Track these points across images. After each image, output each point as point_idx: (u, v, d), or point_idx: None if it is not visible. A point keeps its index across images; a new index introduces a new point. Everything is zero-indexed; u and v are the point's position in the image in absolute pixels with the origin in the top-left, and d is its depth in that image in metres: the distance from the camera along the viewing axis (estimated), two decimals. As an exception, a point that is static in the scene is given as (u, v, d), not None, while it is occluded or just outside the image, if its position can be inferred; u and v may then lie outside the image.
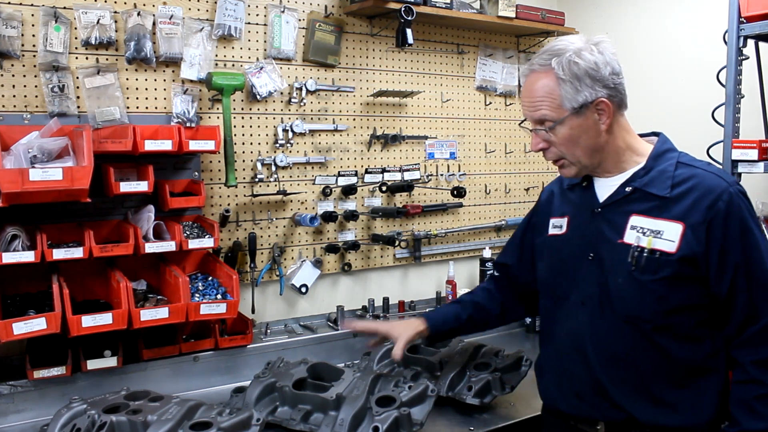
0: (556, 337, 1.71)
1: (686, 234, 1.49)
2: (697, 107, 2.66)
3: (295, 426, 1.84)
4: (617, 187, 1.61)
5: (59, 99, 2.19)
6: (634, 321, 1.54)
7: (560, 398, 1.70)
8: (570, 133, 1.56)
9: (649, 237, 1.52)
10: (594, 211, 1.64)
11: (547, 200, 1.85)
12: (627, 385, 1.57)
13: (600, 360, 1.59)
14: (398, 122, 2.98)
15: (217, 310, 2.18)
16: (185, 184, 2.42)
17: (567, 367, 1.67)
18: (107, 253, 2.06)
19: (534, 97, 1.57)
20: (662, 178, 1.56)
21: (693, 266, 1.50)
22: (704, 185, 1.51)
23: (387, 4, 2.63)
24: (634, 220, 1.56)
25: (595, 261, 1.61)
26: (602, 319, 1.58)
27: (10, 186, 1.81)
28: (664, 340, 1.53)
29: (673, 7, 3.00)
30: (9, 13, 2.09)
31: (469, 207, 3.22)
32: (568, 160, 1.60)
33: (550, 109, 1.55)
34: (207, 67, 2.45)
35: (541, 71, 1.56)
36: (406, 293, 3.07)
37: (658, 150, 1.61)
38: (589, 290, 1.62)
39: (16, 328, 1.86)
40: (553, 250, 1.76)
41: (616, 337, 1.57)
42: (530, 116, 1.60)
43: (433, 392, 1.93)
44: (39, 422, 1.96)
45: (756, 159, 2.19)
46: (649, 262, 1.52)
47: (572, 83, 1.52)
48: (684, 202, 1.52)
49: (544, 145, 1.61)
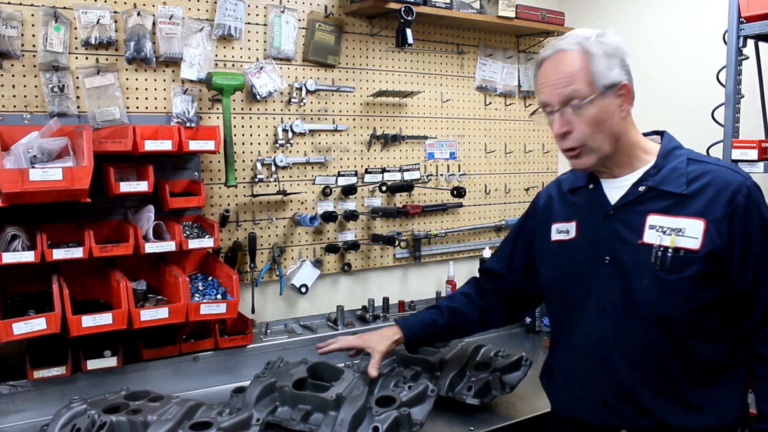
0: (574, 346, 1.65)
1: (709, 229, 1.47)
2: (697, 107, 2.66)
3: (295, 426, 1.84)
4: (629, 188, 1.58)
5: (59, 99, 2.19)
6: (663, 322, 1.50)
7: (580, 408, 1.65)
8: (596, 115, 1.50)
9: (671, 235, 1.49)
10: (606, 213, 1.60)
11: (546, 204, 1.81)
12: (658, 389, 1.53)
13: (629, 366, 1.54)
14: (398, 122, 2.98)
15: (217, 310, 2.18)
16: (185, 184, 2.42)
17: (589, 375, 1.61)
18: (107, 253, 2.06)
19: (563, 73, 1.50)
20: (675, 175, 1.53)
21: (717, 262, 1.48)
22: (721, 180, 1.50)
23: (387, 4, 2.63)
24: (652, 219, 1.53)
25: (613, 264, 1.56)
26: (627, 324, 1.54)
27: (10, 186, 1.81)
28: (692, 339, 1.51)
29: (672, 7, 3.00)
30: (9, 13, 2.09)
31: (469, 207, 3.23)
32: (590, 146, 1.53)
33: (583, 85, 1.49)
34: (207, 67, 2.45)
35: (570, 49, 1.51)
36: (406, 293, 3.07)
37: (666, 148, 1.59)
38: (609, 295, 1.57)
39: (16, 328, 1.86)
40: (560, 256, 1.70)
41: (644, 340, 1.53)
42: (557, 95, 1.51)
43: (433, 392, 1.93)
44: (39, 422, 1.96)
45: (756, 159, 2.19)
46: (674, 261, 1.48)
47: (604, 60, 1.49)
48: (702, 198, 1.49)
49: (569, 128, 1.52)
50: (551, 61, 1.54)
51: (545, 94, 1.54)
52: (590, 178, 1.68)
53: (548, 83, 1.53)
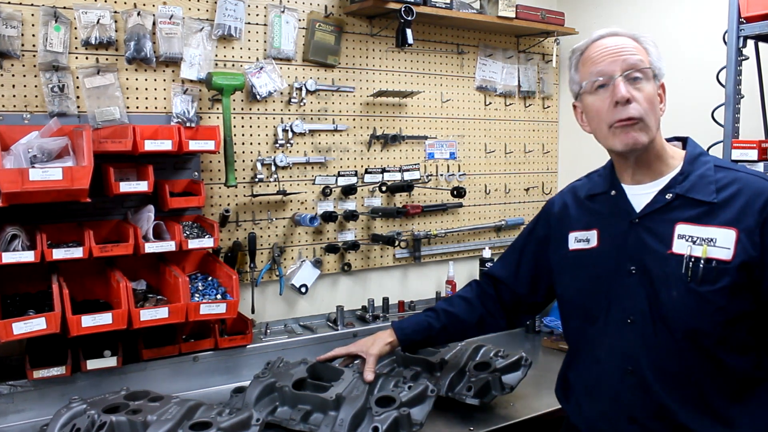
0: (597, 359, 1.59)
1: (741, 239, 1.42)
2: (696, 107, 2.65)
3: (294, 426, 1.84)
4: (655, 195, 1.52)
5: (59, 99, 2.19)
6: (693, 335, 1.45)
7: (604, 423, 1.58)
8: (652, 94, 1.48)
9: (702, 246, 1.44)
10: (632, 222, 1.54)
11: (561, 212, 1.74)
12: (691, 404, 1.47)
13: (660, 381, 1.48)
14: (398, 122, 2.98)
15: (217, 310, 2.18)
16: (185, 184, 2.42)
17: (616, 390, 1.54)
18: (107, 253, 2.06)
19: (627, 45, 1.48)
20: (704, 182, 1.49)
21: (749, 272, 1.42)
22: (752, 188, 1.45)
23: (387, 4, 2.63)
24: (681, 228, 1.47)
25: (639, 275, 1.51)
26: (656, 337, 1.48)
27: (10, 186, 1.81)
28: (722, 352, 1.45)
29: (673, 7, 3.00)
30: (9, 13, 2.09)
31: (468, 207, 3.23)
32: (646, 122, 1.47)
33: (646, 60, 1.48)
34: (207, 67, 2.45)
35: (627, 35, 1.51)
36: (406, 293, 3.07)
37: (691, 154, 1.55)
38: (635, 307, 1.51)
39: (16, 328, 1.86)
40: (581, 266, 1.64)
41: (675, 354, 1.47)
42: (621, 61, 1.47)
43: (432, 392, 1.93)
44: (39, 422, 1.96)
45: (756, 159, 2.19)
46: (707, 272, 1.43)
47: (656, 52, 1.51)
48: (733, 207, 1.44)
49: (632, 97, 1.46)
50: (608, 38, 1.51)
51: (604, 63, 1.48)
52: (611, 184, 1.62)
53: (609, 53, 1.48)
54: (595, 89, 1.51)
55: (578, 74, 1.57)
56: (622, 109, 1.46)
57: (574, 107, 1.65)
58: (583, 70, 1.54)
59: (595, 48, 1.51)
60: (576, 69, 1.58)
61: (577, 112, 1.63)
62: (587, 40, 1.55)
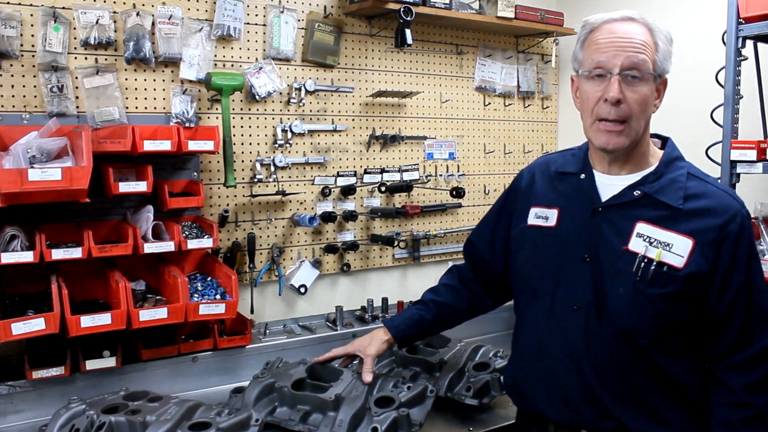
0: (540, 339, 1.61)
1: (695, 251, 1.44)
2: (695, 108, 2.65)
3: (294, 426, 1.84)
4: (623, 188, 1.54)
5: (58, 99, 2.19)
6: (630, 334, 1.48)
7: (543, 401, 1.61)
8: (647, 96, 1.47)
9: (658, 249, 1.46)
10: (595, 210, 1.55)
11: (527, 186, 1.74)
12: (623, 396, 1.51)
13: (596, 369, 1.52)
14: (397, 122, 2.98)
15: (216, 310, 2.18)
16: (184, 184, 2.42)
17: (555, 372, 1.58)
18: (106, 254, 2.06)
19: (636, 39, 1.45)
20: (674, 187, 1.50)
21: (695, 284, 1.46)
22: (719, 204, 1.47)
23: (386, 5, 2.63)
24: (641, 227, 1.49)
25: (591, 264, 1.53)
26: (599, 328, 1.51)
27: (9, 186, 1.81)
28: (656, 355, 1.49)
29: (672, 8, 3.00)
30: (8, 13, 2.09)
31: (468, 207, 3.23)
32: (631, 125, 1.47)
33: (651, 60, 1.45)
34: (206, 68, 2.45)
35: (643, 24, 1.47)
36: (405, 293, 3.07)
37: (668, 156, 1.56)
38: (583, 295, 1.53)
39: (15, 328, 1.85)
40: (536, 243, 1.64)
41: (612, 348, 1.50)
42: (625, 58, 1.44)
43: (432, 393, 1.94)
44: (38, 423, 1.95)
45: (755, 159, 2.19)
46: (656, 276, 1.45)
47: (667, 47, 1.49)
48: (696, 218, 1.46)
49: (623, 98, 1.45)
50: (621, 24, 1.47)
51: (608, 54, 1.45)
52: (583, 167, 1.62)
53: (616, 44, 1.45)
54: (592, 77, 1.50)
55: (581, 53, 1.54)
56: (610, 108, 1.46)
57: (572, 80, 1.63)
58: (587, 52, 1.51)
59: (604, 32, 1.48)
60: (581, 46, 1.54)
61: (573, 86, 1.62)
62: (601, 17, 1.50)
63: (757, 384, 1.49)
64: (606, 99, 1.45)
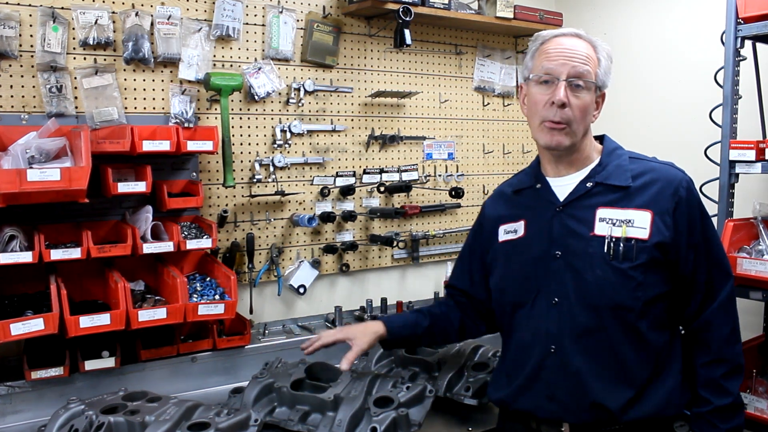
0: (523, 342, 1.68)
1: (655, 221, 1.57)
2: (694, 108, 2.66)
3: (293, 426, 1.84)
4: (577, 184, 1.66)
5: (57, 99, 2.19)
6: (618, 310, 1.56)
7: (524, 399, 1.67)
8: (588, 104, 1.61)
9: (621, 227, 1.57)
10: (556, 210, 1.66)
11: (491, 211, 1.86)
12: (610, 378, 1.57)
13: (581, 358, 1.58)
14: (396, 123, 2.98)
15: (215, 310, 2.18)
16: (183, 184, 2.42)
17: (539, 370, 1.63)
18: (105, 254, 2.06)
19: (582, 52, 1.60)
20: (620, 170, 1.64)
21: (663, 251, 1.56)
22: (664, 176, 1.61)
23: (385, 5, 2.63)
24: (602, 212, 1.61)
25: (564, 258, 1.62)
26: (582, 315, 1.58)
27: (8, 186, 1.81)
28: (644, 326, 1.57)
29: (671, 8, 3.01)
30: (7, 14, 2.09)
31: (467, 207, 3.23)
32: (572, 128, 1.61)
33: (593, 72, 1.61)
34: (205, 68, 2.45)
35: (587, 41, 1.63)
36: (404, 294, 3.07)
37: (608, 148, 1.70)
38: (561, 289, 1.61)
39: (14, 328, 1.85)
40: (510, 256, 1.74)
41: (598, 328, 1.57)
42: (571, 67, 1.59)
43: (431, 393, 1.94)
44: (37, 423, 1.95)
45: (753, 159, 2.20)
46: (627, 250, 1.56)
47: (607, 63, 1.64)
48: (647, 192, 1.60)
49: (569, 101, 1.59)
50: (569, 39, 1.63)
51: (557, 63, 1.60)
52: (536, 178, 1.75)
53: (564, 55, 1.60)
54: (541, 82, 1.63)
55: (532, 62, 1.68)
56: (555, 110, 1.60)
57: (520, 87, 1.77)
58: (538, 61, 1.65)
59: (554, 44, 1.63)
60: (532, 56, 1.68)
61: (521, 93, 1.76)
62: (552, 32, 1.66)
63: (728, 336, 1.61)
64: (553, 102, 1.60)
